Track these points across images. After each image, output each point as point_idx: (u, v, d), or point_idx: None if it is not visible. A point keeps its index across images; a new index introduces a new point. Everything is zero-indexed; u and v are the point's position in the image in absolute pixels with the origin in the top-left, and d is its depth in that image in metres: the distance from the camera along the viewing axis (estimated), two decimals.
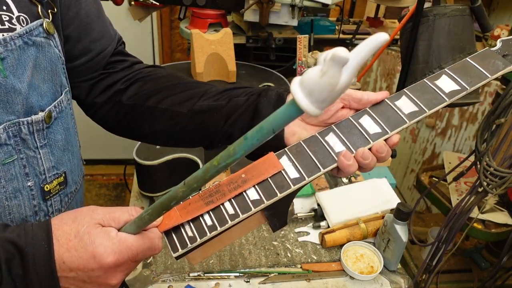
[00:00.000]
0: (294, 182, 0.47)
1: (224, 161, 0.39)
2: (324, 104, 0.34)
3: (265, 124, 0.36)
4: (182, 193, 0.43)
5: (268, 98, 0.57)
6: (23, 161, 0.55)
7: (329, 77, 0.34)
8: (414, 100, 0.49)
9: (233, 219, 0.46)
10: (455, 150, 1.93)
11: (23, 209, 0.57)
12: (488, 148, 1.09)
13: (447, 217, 1.19)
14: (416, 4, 1.06)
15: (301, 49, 1.27)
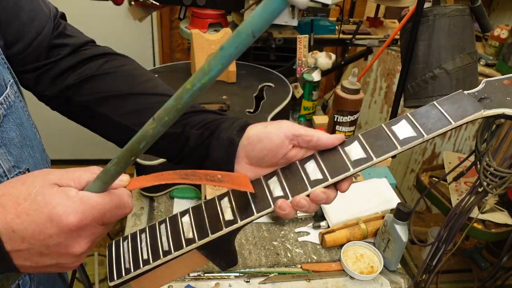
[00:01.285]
0: (227, 225, 0.47)
1: (199, 82, 0.33)
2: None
3: (243, 27, 0.30)
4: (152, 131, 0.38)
5: (220, 142, 0.54)
6: None
7: None
8: (364, 146, 0.46)
9: (165, 256, 0.47)
10: (455, 150, 1.93)
11: None
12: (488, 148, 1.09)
13: (447, 217, 1.19)
14: (416, 4, 1.06)
15: (301, 49, 1.27)
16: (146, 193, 0.98)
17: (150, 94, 0.60)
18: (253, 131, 0.53)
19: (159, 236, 0.49)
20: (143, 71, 0.65)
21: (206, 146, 0.56)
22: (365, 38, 1.46)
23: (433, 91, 1.08)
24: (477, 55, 1.10)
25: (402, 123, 0.46)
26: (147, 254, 0.47)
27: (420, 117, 0.46)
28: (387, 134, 0.47)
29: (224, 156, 0.54)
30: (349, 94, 1.01)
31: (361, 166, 0.46)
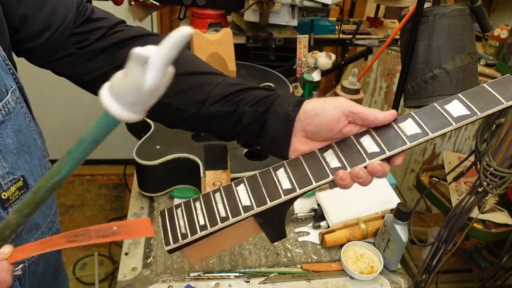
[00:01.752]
0: (286, 193, 0.48)
1: (51, 181, 0.38)
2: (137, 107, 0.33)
3: (86, 137, 0.36)
4: (15, 220, 0.40)
5: (277, 117, 0.55)
6: None
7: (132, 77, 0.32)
8: (418, 123, 0.48)
9: (223, 222, 0.47)
10: (455, 150, 1.93)
11: None
12: (488, 148, 1.09)
13: (447, 217, 1.19)
14: (416, 4, 1.06)
15: (301, 49, 1.27)
16: (146, 193, 0.98)
17: (198, 73, 0.60)
18: (311, 106, 0.54)
19: (215, 203, 0.49)
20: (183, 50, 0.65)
21: (262, 122, 0.56)
22: (365, 38, 1.46)
23: (433, 91, 1.08)
24: (477, 55, 1.10)
25: (454, 102, 0.48)
26: (203, 220, 0.48)
27: (471, 96, 0.48)
28: (440, 112, 0.48)
29: (281, 131, 0.55)
30: (349, 94, 1.01)
31: (417, 140, 0.47)
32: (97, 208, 2.33)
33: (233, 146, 0.98)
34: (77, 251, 2.07)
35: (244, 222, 0.49)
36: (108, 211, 2.32)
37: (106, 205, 2.35)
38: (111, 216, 2.27)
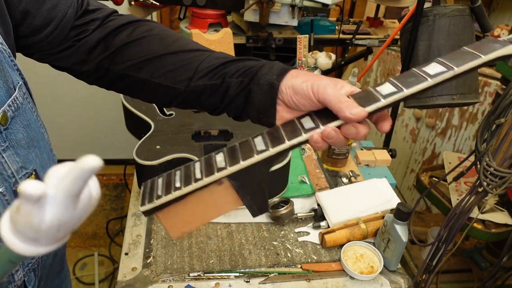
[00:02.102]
0: (259, 153, 0.48)
1: None
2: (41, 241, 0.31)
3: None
4: None
5: (261, 87, 0.56)
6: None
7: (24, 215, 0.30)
8: (395, 84, 0.48)
9: (196, 182, 0.48)
10: (455, 150, 1.93)
11: None
12: (488, 148, 1.09)
13: (447, 217, 1.19)
14: (416, 4, 1.06)
15: (301, 49, 1.27)
16: None
17: (185, 51, 0.62)
18: (291, 82, 0.54)
19: (193, 169, 0.50)
20: (171, 32, 0.67)
21: (247, 93, 0.57)
22: (365, 38, 1.46)
23: (433, 91, 1.08)
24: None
25: (433, 65, 0.48)
26: (179, 183, 0.48)
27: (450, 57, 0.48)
28: (417, 73, 0.48)
29: (266, 100, 0.56)
30: None
31: (392, 97, 0.47)
32: (97, 208, 2.30)
33: None
34: (77, 251, 2.07)
35: (221, 189, 0.49)
36: (108, 211, 2.32)
37: (106, 205, 2.35)
38: (111, 216, 2.27)
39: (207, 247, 0.87)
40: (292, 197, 0.98)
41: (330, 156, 1.11)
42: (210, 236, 0.89)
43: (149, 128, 1.03)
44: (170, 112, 1.09)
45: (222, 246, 0.87)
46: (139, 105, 1.10)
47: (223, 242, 0.88)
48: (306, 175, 1.06)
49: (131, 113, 1.09)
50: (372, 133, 2.22)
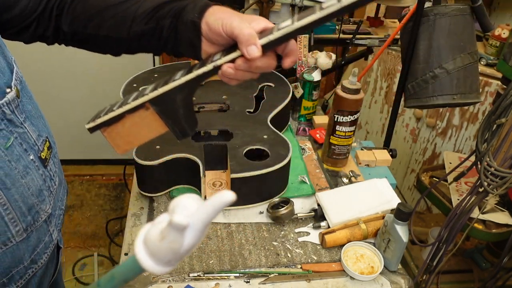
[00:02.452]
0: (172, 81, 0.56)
1: None
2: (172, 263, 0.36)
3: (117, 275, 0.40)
4: None
5: (186, 26, 0.62)
6: (18, 140, 0.57)
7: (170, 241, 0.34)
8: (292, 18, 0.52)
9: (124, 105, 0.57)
10: (456, 150, 1.93)
11: (36, 181, 0.61)
12: (488, 148, 1.09)
13: (448, 217, 1.19)
14: (416, 3, 1.06)
15: (301, 48, 1.26)
16: (146, 193, 0.97)
17: (123, 1, 0.67)
18: (207, 20, 0.60)
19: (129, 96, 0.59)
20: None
21: (176, 32, 0.63)
22: (366, 38, 1.46)
23: (434, 91, 1.08)
24: (478, 54, 1.10)
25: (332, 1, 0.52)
26: (116, 107, 0.59)
27: None
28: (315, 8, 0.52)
29: (191, 38, 0.62)
30: (349, 94, 1.01)
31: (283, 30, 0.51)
32: (97, 208, 2.33)
33: (233, 146, 0.98)
34: (76, 251, 2.07)
35: (149, 114, 0.58)
36: (107, 211, 2.32)
37: (106, 205, 2.35)
38: (111, 216, 2.27)
39: (207, 248, 0.86)
40: (292, 197, 0.98)
41: (330, 156, 1.11)
42: (210, 237, 0.89)
43: None
44: None
45: (222, 246, 0.87)
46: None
47: (223, 242, 0.88)
48: (306, 175, 1.06)
49: None
50: (372, 133, 2.21)
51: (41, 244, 0.65)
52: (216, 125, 1.04)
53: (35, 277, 0.67)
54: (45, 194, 0.63)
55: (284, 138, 1.01)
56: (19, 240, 0.59)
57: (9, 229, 0.57)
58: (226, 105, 1.14)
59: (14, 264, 0.61)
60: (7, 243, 0.58)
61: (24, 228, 0.59)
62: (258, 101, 1.15)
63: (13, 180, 0.56)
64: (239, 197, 1.00)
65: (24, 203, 0.58)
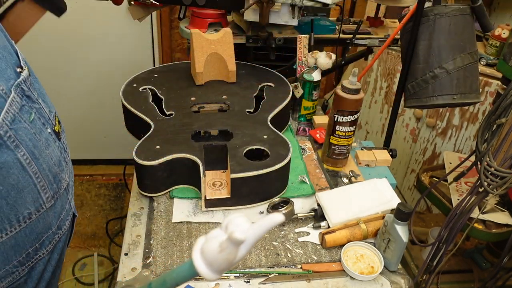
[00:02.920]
0: None
1: None
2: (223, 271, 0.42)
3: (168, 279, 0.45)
4: None
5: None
6: (37, 114, 0.63)
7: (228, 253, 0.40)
8: None
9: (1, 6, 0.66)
10: (456, 150, 1.93)
11: (55, 152, 0.68)
12: (488, 148, 1.09)
13: (448, 217, 1.19)
14: (416, 3, 1.06)
15: (301, 48, 1.26)
16: (146, 193, 0.97)
17: None
18: None
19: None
20: None
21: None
22: (366, 38, 1.46)
23: (434, 91, 1.08)
24: (478, 54, 1.10)
25: None
26: None
27: None
28: None
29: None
30: (349, 94, 1.01)
31: None
32: (97, 208, 2.33)
33: (233, 146, 0.98)
34: (76, 251, 2.07)
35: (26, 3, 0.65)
36: (107, 211, 2.32)
37: (106, 205, 2.35)
38: (111, 216, 2.27)
39: None
40: (292, 197, 0.98)
41: (330, 156, 1.11)
42: None
43: (149, 128, 1.02)
44: (170, 112, 1.08)
45: None
46: (138, 105, 1.10)
47: None
48: (306, 175, 1.06)
49: (131, 113, 1.09)
50: (372, 133, 2.22)
51: (64, 211, 0.72)
52: (216, 125, 1.04)
53: (59, 242, 0.73)
54: (63, 164, 0.71)
55: (284, 138, 1.01)
56: (49, 207, 0.66)
57: (41, 196, 0.64)
58: (226, 105, 1.14)
59: (44, 230, 0.67)
60: (40, 210, 0.64)
61: (51, 195, 0.66)
62: (258, 101, 1.15)
63: (39, 151, 0.62)
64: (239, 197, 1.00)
65: (50, 172, 0.65)
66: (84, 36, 2.14)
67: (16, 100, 0.58)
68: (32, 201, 0.63)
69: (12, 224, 0.61)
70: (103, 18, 2.11)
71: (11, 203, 0.60)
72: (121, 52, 2.24)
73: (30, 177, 0.61)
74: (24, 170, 0.60)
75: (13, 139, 0.58)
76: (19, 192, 0.60)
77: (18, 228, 0.62)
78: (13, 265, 0.64)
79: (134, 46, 2.24)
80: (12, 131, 0.57)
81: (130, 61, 2.28)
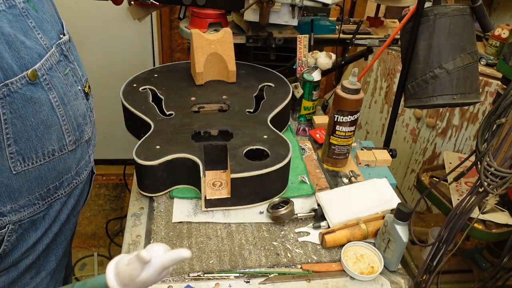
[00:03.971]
0: None
1: None
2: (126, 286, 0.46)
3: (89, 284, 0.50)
4: None
5: None
6: (71, 72, 0.76)
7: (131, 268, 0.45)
8: None
9: None
10: (456, 150, 1.93)
11: (82, 106, 0.79)
12: (488, 148, 1.09)
13: (448, 217, 1.19)
14: (416, 3, 1.06)
15: (301, 48, 1.26)
16: (146, 193, 0.97)
17: None
18: None
19: None
20: None
21: None
22: (366, 38, 1.46)
23: (434, 91, 1.08)
24: (478, 54, 1.10)
25: None
26: None
27: None
28: None
29: None
30: (349, 94, 1.01)
31: None
32: (97, 208, 2.33)
33: (233, 146, 0.98)
34: (76, 251, 2.07)
35: None
36: (107, 211, 2.32)
37: (106, 205, 2.35)
38: (111, 216, 2.27)
39: (207, 247, 0.86)
40: (292, 197, 0.98)
41: (330, 156, 1.11)
42: (210, 236, 0.89)
43: (149, 128, 1.02)
44: (170, 112, 1.08)
45: (222, 246, 0.87)
46: (138, 105, 1.10)
47: (223, 242, 0.88)
48: (306, 175, 1.06)
49: (131, 113, 1.09)
50: (372, 133, 2.21)
51: (83, 161, 0.83)
52: (216, 125, 1.04)
53: (76, 189, 0.84)
54: (88, 120, 0.82)
55: (284, 138, 1.01)
56: (70, 150, 0.76)
57: (64, 138, 0.74)
58: (226, 105, 1.14)
59: (65, 171, 0.77)
60: (62, 150, 0.74)
61: (74, 140, 0.76)
62: (258, 101, 1.15)
63: (68, 99, 0.74)
64: (239, 197, 1.00)
65: (75, 120, 0.76)
66: (84, 36, 2.14)
67: (55, 54, 0.71)
68: (56, 140, 0.72)
69: (38, 156, 0.70)
70: (103, 18, 2.11)
71: (40, 136, 0.69)
72: (121, 52, 2.24)
73: (57, 118, 0.71)
74: (53, 110, 0.70)
75: (48, 82, 0.68)
76: (47, 128, 0.70)
77: (42, 161, 0.71)
78: (35, 197, 0.72)
79: (134, 46, 2.24)
80: (48, 76, 0.68)
81: (130, 61, 2.28)
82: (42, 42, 0.68)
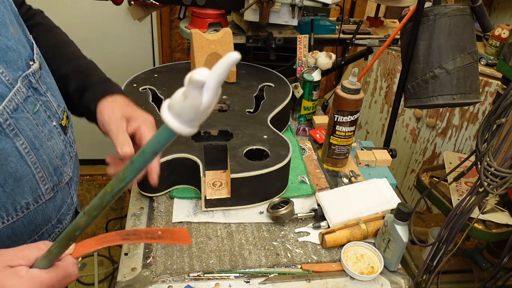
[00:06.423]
0: None
1: (117, 186, 0.46)
2: (195, 122, 0.39)
3: (147, 148, 0.42)
4: (84, 222, 0.48)
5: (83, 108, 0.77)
6: (43, 107, 0.64)
7: (191, 99, 0.38)
8: None
9: None
10: (456, 150, 1.93)
11: (59, 145, 0.68)
12: (488, 148, 1.09)
13: (448, 217, 1.19)
14: (416, 3, 1.06)
15: (301, 48, 1.26)
16: (146, 193, 0.97)
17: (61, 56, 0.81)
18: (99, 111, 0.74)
19: None
20: None
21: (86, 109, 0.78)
22: (366, 38, 1.46)
23: (434, 91, 1.08)
24: (478, 54, 1.10)
25: None
26: None
27: None
28: None
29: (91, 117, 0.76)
30: (349, 94, 1.01)
31: None
32: None
33: (233, 146, 0.98)
34: None
35: None
36: (107, 211, 2.32)
37: None
38: (111, 217, 2.27)
39: (207, 247, 0.86)
40: (292, 197, 0.98)
41: (330, 156, 1.11)
42: (210, 236, 0.89)
43: None
44: None
45: (222, 246, 0.87)
46: (139, 105, 1.10)
47: (223, 242, 0.88)
48: (306, 175, 1.06)
49: None
50: (372, 133, 2.21)
51: (65, 205, 0.72)
52: (216, 125, 1.04)
53: None
54: (67, 158, 0.71)
55: (284, 138, 1.01)
56: (48, 199, 0.66)
57: (40, 187, 0.64)
58: (226, 105, 1.13)
59: (43, 223, 0.67)
60: (38, 201, 0.64)
61: (51, 187, 0.66)
62: (258, 101, 1.15)
63: (40, 142, 0.63)
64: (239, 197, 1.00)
65: (51, 164, 0.66)
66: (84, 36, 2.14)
67: (21, 91, 0.59)
68: (30, 191, 0.62)
69: (9, 213, 0.60)
70: (103, 18, 2.11)
71: (8, 191, 0.59)
72: (121, 52, 2.24)
73: (28, 167, 0.61)
74: (22, 159, 0.60)
75: (13, 127, 0.58)
76: (16, 181, 0.59)
77: (15, 217, 0.61)
78: None
79: (134, 46, 2.24)
80: (12, 119, 0.58)
81: (130, 61, 2.28)
82: (4, 78, 0.56)
